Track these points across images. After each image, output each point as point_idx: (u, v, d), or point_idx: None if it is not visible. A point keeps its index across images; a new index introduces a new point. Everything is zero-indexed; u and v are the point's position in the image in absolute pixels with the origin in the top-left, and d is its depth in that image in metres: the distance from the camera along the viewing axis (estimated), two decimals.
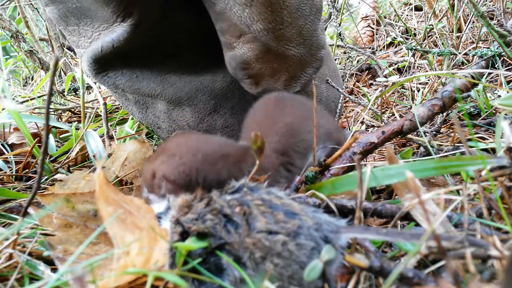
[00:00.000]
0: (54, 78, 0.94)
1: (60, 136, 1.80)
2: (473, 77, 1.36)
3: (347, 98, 1.53)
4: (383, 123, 1.55)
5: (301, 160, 0.98)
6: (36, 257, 0.80)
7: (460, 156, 0.75)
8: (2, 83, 1.45)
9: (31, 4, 3.39)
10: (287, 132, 0.96)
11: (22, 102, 2.15)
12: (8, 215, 1.00)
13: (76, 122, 1.96)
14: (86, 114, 1.95)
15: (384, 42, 2.76)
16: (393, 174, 0.79)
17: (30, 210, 0.84)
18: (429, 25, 2.22)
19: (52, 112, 2.01)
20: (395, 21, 2.81)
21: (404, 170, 0.77)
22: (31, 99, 2.20)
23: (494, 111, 1.39)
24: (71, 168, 1.43)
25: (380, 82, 1.82)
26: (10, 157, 1.43)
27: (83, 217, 0.94)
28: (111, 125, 1.80)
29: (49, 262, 0.79)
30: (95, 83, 1.84)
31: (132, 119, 1.70)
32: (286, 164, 0.95)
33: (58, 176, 1.28)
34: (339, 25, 2.23)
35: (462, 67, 1.83)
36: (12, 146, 1.58)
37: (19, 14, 2.97)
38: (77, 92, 2.16)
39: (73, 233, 0.86)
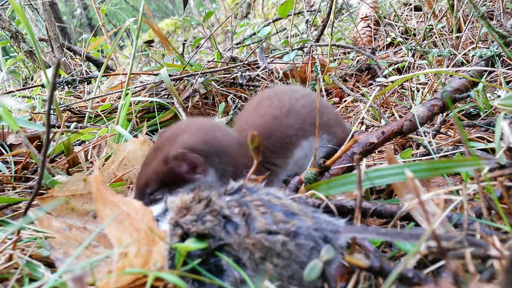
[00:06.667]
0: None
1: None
2: (472, 77, 1.35)
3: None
4: (382, 121, 1.54)
5: (281, 159, 1.04)
6: (36, 259, 0.79)
7: (452, 158, 0.75)
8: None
9: (30, 4, 3.39)
10: (263, 134, 0.99)
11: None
12: (7, 221, 0.99)
13: (75, 122, 1.96)
14: (85, 114, 1.95)
15: (383, 42, 2.75)
16: (386, 175, 0.79)
17: (30, 212, 0.83)
18: (429, 25, 2.22)
19: (52, 112, 2.00)
20: (395, 21, 2.80)
21: (398, 171, 0.77)
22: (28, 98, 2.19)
23: (494, 111, 1.39)
24: (70, 170, 1.42)
25: (380, 82, 1.82)
26: (9, 158, 1.42)
27: (83, 219, 0.93)
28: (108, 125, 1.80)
29: (49, 263, 0.79)
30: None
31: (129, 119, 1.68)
32: (263, 162, 1.00)
33: (57, 177, 1.28)
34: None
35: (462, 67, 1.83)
36: (11, 147, 1.57)
37: None
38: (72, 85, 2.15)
39: (73, 235, 0.86)
